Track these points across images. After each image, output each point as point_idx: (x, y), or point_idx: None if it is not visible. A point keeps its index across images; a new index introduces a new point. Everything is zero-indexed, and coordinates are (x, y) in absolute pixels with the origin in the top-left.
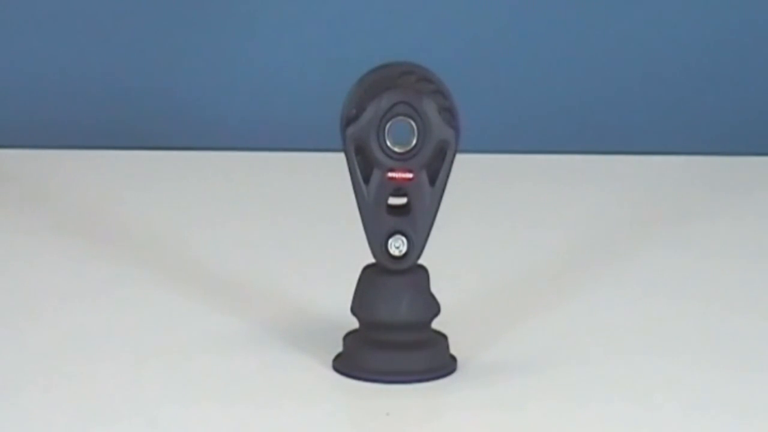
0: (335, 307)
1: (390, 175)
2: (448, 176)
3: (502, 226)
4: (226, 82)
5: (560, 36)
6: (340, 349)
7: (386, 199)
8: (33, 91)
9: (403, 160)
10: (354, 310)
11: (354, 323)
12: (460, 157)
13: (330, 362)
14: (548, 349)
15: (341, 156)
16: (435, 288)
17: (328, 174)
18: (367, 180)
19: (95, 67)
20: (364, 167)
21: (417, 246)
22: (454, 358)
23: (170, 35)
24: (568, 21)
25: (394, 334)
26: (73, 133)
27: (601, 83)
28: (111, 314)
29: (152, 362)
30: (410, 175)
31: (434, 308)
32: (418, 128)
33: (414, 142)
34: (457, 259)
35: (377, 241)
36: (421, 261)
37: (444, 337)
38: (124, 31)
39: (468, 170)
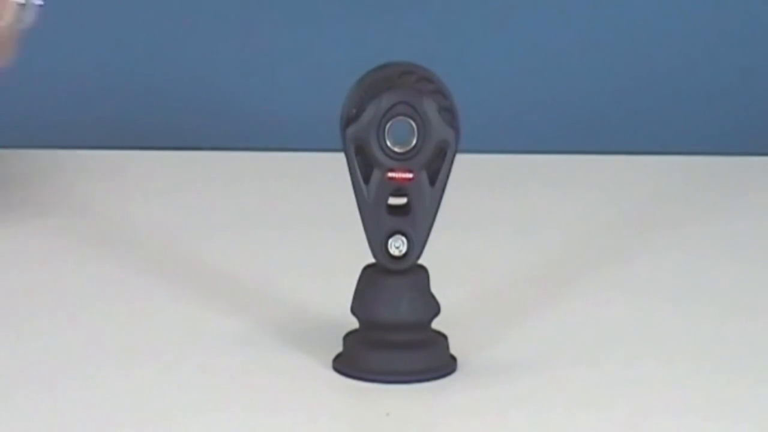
0: (335, 307)
1: (390, 175)
2: (448, 176)
3: (502, 226)
4: (226, 82)
5: (560, 36)
6: (340, 349)
7: (386, 199)
8: (33, 91)
9: (403, 160)
10: (354, 310)
11: (354, 323)
12: (460, 157)
13: (330, 362)
14: (548, 350)
15: (341, 156)
16: (435, 288)
17: (328, 174)
18: (367, 180)
19: (95, 66)
20: (364, 167)
21: (417, 246)
22: (454, 358)
23: (169, 35)
24: (568, 20)
25: (394, 334)
26: (73, 133)
27: (600, 83)
28: (110, 315)
29: (150, 362)
30: (410, 175)
31: (434, 308)
32: (418, 128)
33: (414, 142)
34: (457, 259)
35: (377, 241)
36: (421, 261)
37: (444, 337)
38: (125, 31)
39: (468, 170)
